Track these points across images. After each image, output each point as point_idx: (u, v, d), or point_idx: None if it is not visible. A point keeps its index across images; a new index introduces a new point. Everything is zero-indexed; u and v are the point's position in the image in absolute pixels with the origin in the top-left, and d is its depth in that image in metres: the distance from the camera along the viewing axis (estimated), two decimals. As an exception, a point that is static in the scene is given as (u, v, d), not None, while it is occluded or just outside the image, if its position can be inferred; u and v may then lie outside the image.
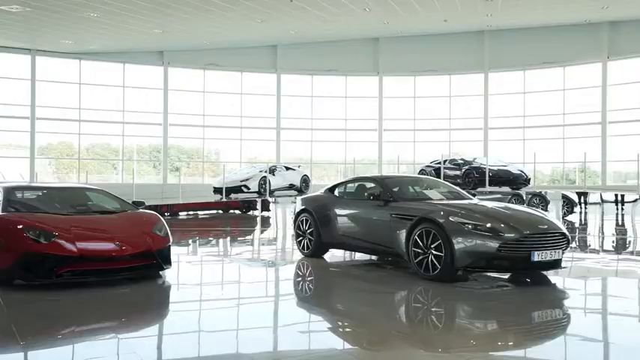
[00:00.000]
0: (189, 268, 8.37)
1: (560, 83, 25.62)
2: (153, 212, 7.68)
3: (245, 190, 19.00)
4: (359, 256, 8.93)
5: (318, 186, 12.90)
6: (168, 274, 7.20)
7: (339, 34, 25.54)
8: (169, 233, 7.20)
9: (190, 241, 11.94)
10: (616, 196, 20.86)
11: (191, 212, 19.94)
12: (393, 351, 4.36)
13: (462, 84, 27.59)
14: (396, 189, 7.89)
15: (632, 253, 10.87)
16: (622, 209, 20.26)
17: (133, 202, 7.98)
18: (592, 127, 24.79)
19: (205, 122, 27.67)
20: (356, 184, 8.74)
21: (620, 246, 12.21)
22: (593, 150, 24.40)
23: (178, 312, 5.66)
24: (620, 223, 17.71)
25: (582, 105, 25.05)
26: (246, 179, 19.19)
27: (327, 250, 8.86)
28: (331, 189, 8.93)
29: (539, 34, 24.76)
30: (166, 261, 6.94)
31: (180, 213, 19.38)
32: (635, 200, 20.31)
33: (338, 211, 8.29)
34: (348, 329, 5.04)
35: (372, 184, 8.18)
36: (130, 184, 20.57)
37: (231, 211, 20.96)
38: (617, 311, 5.82)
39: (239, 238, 13.25)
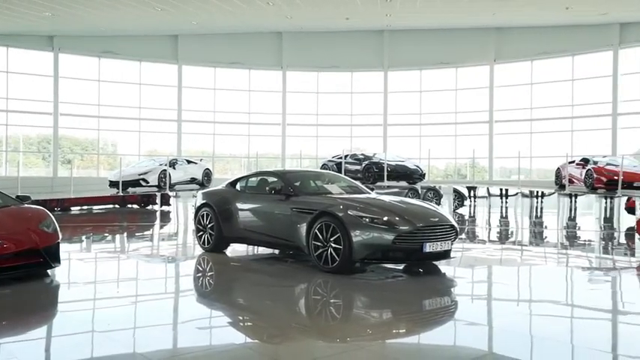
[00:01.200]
0: (81, 265, 7.96)
1: (453, 83, 27.11)
2: (40, 207, 7.20)
3: (144, 183, 18.32)
4: (260, 250, 8.95)
5: (221, 180, 12.75)
6: (58, 273, 6.80)
7: (242, 27, 25.29)
8: (58, 229, 6.79)
9: (83, 238, 11.33)
10: (501, 190, 22.47)
11: (85, 207, 18.90)
12: (293, 343, 4.43)
13: (363, 81, 28.36)
14: (297, 183, 7.99)
15: (514, 243, 11.77)
16: (506, 202, 21.86)
17: (17, 197, 7.44)
18: (481, 126, 26.49)
19: (101, 112, 26.30)
20: (258, 179, 8.74)
21: (504, 236, 13.18)
22: (482, 147, 26.13)
23: (68, 312, 5.37)
24: (504, 215, 19.10)
25: (473, 104, 26.69)
26: (145, 172, 18.50)
27: (229, 245, 8.79)
28: (233, 183, 8.87)
29: (434, 36, 26.01)
30: (55, 259, 6.55)
31: (72, 208, 18.31)
32: (516, 194, 22.03)
33: (239, 206, 8.25)
34: (248, 323, 5.05)
35: (274, 179, 8.23)
36: (14, 177, 19.11)
37: (129, 205, 20.13)
38: (499, 297, 6.30)
39: (137, 234, 12.76)
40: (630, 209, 14.95)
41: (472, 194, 22.07)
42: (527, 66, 25.28)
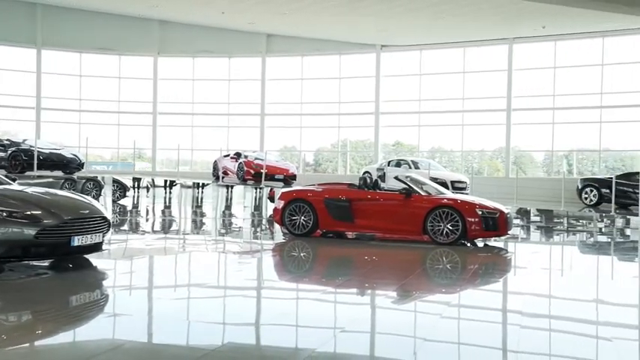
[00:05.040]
0: None
1: (116, 71, 26.21)
2: None
3: None
4: None
5: None
6: None
7: None
8: None
9: None
10: (165, 181, 22.95)
11: None
12: None
13: (10, 57, 25.02)
14: None
15: (175, 232, 12.19)
16: (170, 193, 22.43)
17: None
18: (145, 116, 26.38)
19: None
20: None
21: (166, 226, 13.53)
22: (147, 137, 26.12)
23: None
24: (167, 205, 19.58)
25: (137, 94, 26.34)
26: None
27: None
28: None
29: (97, 19, 24.63)
30: None
31: None
32: (176, 184, 22.84)
33: None
34: None
35: None
36: None
37: None
38: (158, 285, 6.48)
39: None
40: (271, 198, 17.11)
41: (136, 185, 21.92)
42: (189, 62, 26.28)
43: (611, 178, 16.27)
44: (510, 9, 17.24)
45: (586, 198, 17.09)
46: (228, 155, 19.63)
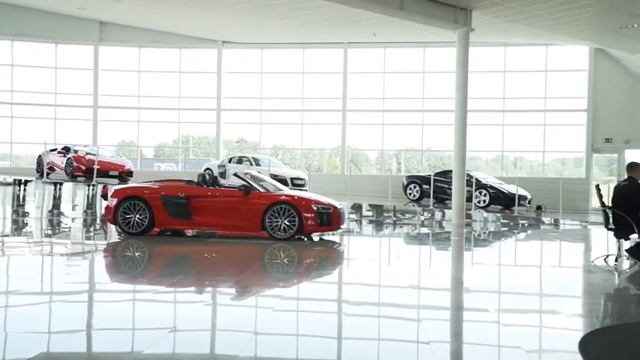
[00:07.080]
0: None
1: None
2: None
3: None
4: None
5: None
6: None
7: None
8: None
9: None
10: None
11: None
12: None
13: None
14: None
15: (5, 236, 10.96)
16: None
17: None
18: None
19: None
20: None
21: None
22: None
23: None
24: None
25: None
26: None
27: None
28: None
29: None
30: None
31: None
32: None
33: None
34: None
35: None
36: None
37: None
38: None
39: None
40: (105, 196, 16.16)
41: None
42: (7, 45, 23.63)
43: (430, 175, 18.03)
44: (344, 15, 18.16)
45: (410, 193, 18.74)
46: (55, 149, 18.09)
